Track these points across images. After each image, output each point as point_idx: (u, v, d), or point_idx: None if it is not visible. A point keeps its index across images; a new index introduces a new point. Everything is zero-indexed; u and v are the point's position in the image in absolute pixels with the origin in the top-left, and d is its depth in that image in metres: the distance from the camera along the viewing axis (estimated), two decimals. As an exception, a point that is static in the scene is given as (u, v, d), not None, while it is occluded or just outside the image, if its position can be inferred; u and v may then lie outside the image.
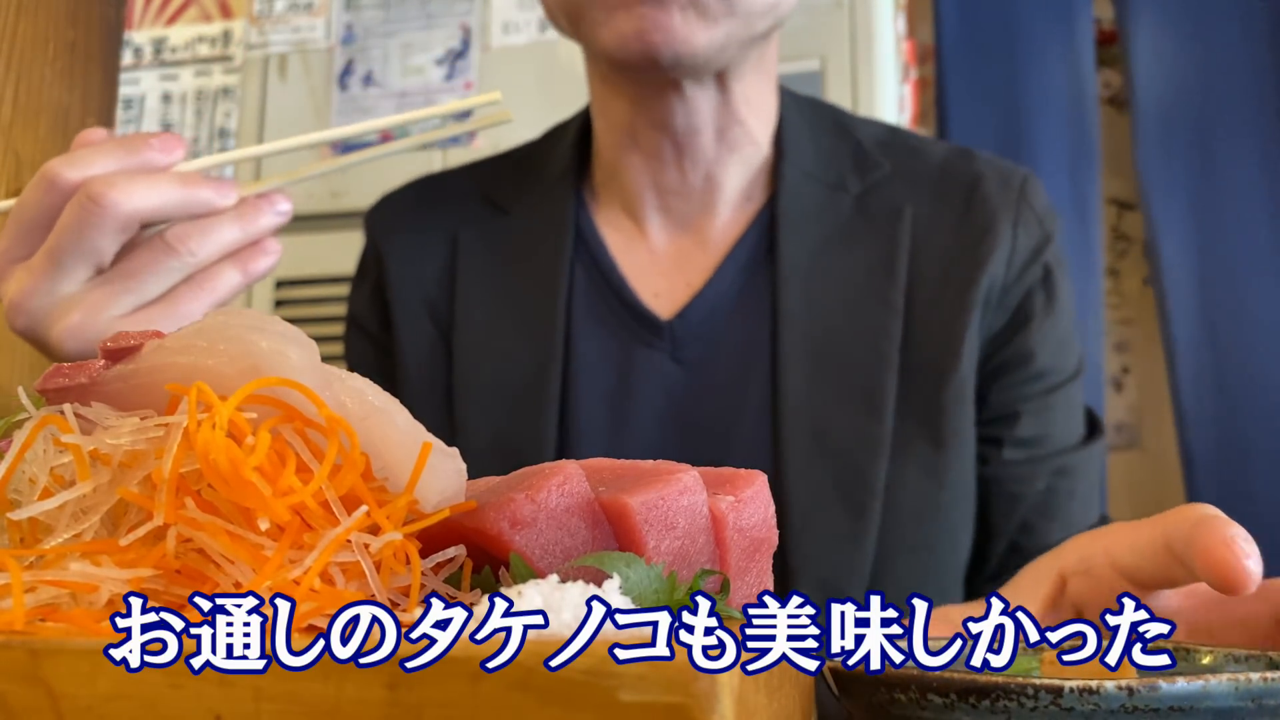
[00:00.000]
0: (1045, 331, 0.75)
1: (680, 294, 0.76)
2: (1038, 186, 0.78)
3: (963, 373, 0.72)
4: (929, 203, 0.76)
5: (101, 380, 0.34)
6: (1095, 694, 0.30)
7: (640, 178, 0.77)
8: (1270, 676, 0.30)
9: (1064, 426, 0.76)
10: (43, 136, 0.75)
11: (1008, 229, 0.74)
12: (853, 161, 0.78)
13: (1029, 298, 0.75)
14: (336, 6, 1.56)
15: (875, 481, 0.70)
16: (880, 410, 0.70)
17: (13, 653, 0.25)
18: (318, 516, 0.30)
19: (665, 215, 0.78)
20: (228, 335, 0.32)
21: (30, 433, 0.31)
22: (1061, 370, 0.76)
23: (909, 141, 0.81)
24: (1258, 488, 1.69)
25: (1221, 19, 1.77)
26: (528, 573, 0.31)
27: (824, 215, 0.76)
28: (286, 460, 0.30)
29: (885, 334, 0.72)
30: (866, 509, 0.69)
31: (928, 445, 0.71)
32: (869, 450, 0.70)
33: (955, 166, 0.78)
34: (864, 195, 0.76)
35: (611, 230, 0.78)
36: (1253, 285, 1.72)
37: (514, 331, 0.76)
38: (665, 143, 0.75)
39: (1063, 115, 1.85)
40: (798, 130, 0.78)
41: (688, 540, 0.34)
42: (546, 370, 0.74)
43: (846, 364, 0.72)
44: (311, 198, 1.51)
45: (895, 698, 0.33)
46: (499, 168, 0.85)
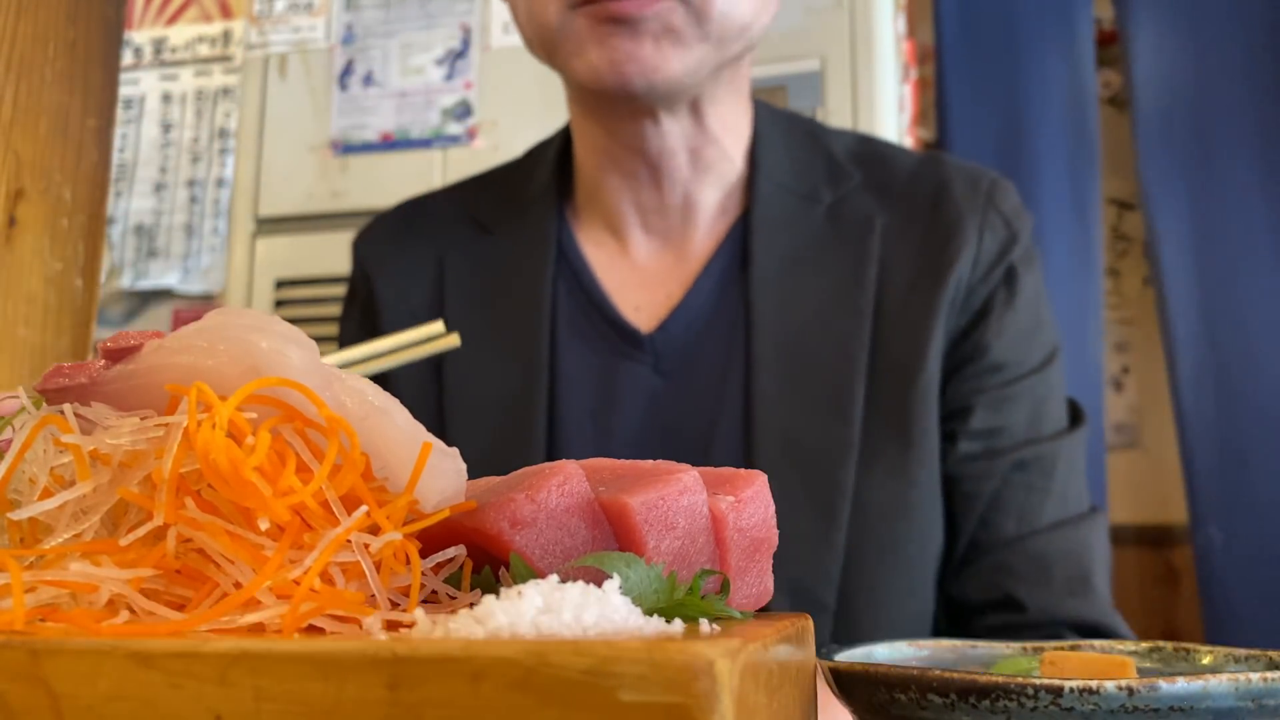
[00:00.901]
0: (1004, 325, 0.75)
1: (660, 307, 0.78)
2: (1006, 189, 0.79)
3: (928, 373, 0.73)
4: (898, 211, 0.78)
5: (101, 380, 0.34)
6: (1095, 694, 0.30)
7: (620, 196, 0.79)
8: (1270, 677, 0.30)
9: (1024, 420, 0.76)
10: (43, 136, 0.75)
11: (973, 233, 0.76)
12: (825, 172, 0.80)
13: (991, 296, 0.76)
14: (336, 6, 1.56)
15: (844, 483, 0.71)
16: (849, 414, 0.72)
17: (13, 652, 0.25)
18: (318, 516, 0.30)
19: (646, 232, 0.80)
20: (227, 336, 0.32)
21: (30, 432, 0.31)
22: (1021, 364, 0.76)
23: (879, 151, 0.82)
24: (1257, 486, 1.69)
25: (1221, 19, 1.77)
26: (528, 573, 0.31)
27: (796, 226, 0.77)
28: (286, 460, 0.30)
29: (855, 340, 0.74)
30: (836, 511, 0.71)
31: (896, 447, 0.72)
32: (838, 453, 0.71)
33: (923, 174, 0.80)
34: (835, 205, 0.78)
35: (593, 246, 0.80)
36: (1252, 284, 1.72)
37: (500, 350, 0.78)
38: (641, 166, 0.77)
39: (1063, 115, 1.86)
40: (771, 143, 0.80)
41: (688, 540, 0.34)
42: (533, 386, 0.76)
43: (816, 370, 0.73)
44: (312, 198, 1.51)
45: (895, 697, 0.33)
46: (483, 188, 0.87)
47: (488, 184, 0.87)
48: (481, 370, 0.78)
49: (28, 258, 0.74)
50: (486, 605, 0.26)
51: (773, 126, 0.81)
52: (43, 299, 0.75)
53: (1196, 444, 1.74)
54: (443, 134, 1.48)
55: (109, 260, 2.09)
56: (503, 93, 1.47)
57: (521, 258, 0.80)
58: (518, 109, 1.46)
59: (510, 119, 1.46)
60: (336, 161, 1.51)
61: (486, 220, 0.83)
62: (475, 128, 1.47)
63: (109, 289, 2.08)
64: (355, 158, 1.51)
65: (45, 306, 0.75)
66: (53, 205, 0.76)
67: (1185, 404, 1.75)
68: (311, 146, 1.51)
